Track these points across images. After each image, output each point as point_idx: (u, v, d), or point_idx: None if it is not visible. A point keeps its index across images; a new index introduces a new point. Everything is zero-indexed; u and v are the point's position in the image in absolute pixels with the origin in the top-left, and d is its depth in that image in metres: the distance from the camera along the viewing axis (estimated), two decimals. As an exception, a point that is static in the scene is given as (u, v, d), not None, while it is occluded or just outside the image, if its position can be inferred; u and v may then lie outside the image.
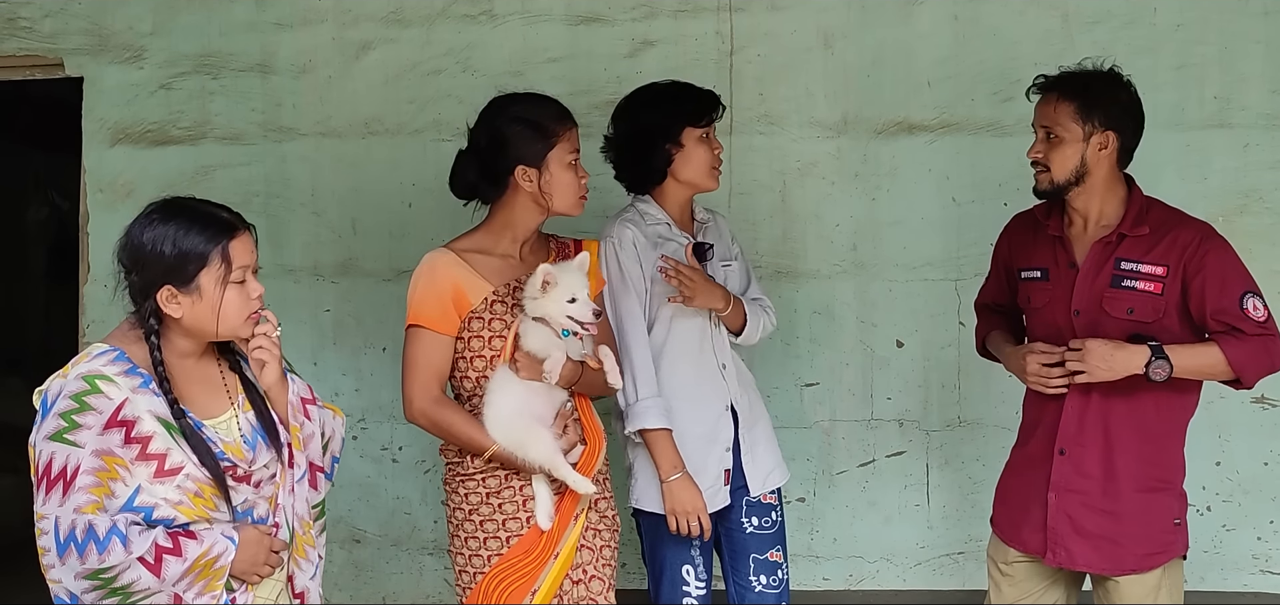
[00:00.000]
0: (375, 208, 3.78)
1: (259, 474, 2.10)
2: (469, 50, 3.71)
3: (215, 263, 2.01)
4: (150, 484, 1.98)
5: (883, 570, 3.68)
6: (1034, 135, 2.65)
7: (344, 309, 3.81)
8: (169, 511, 1.99)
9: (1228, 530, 3.56)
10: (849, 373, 3.65)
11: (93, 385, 1.96)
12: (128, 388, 1.98)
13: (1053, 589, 2.72)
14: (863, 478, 3.68)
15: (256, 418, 2.13)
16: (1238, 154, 3.51)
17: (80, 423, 1.94)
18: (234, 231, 2.05)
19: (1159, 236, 2.56)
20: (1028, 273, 2.71)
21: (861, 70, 3.60)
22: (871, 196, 3.62)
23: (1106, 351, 2.48)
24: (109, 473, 1.95)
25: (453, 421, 2.47)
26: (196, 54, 3.79)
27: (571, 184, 2.51)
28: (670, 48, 3.62)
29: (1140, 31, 3.49)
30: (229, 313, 2.03)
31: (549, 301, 2.41)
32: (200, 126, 3.81)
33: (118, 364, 2.00)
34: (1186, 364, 2.48)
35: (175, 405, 2.01)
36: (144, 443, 1.97)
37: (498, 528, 2.48)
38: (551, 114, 2.52)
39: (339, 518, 3.83)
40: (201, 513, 2.02)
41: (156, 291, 2.00)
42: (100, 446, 1.94)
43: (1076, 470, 2.58)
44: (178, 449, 2.00)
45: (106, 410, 1.95)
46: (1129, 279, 2.54)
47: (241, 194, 3.80)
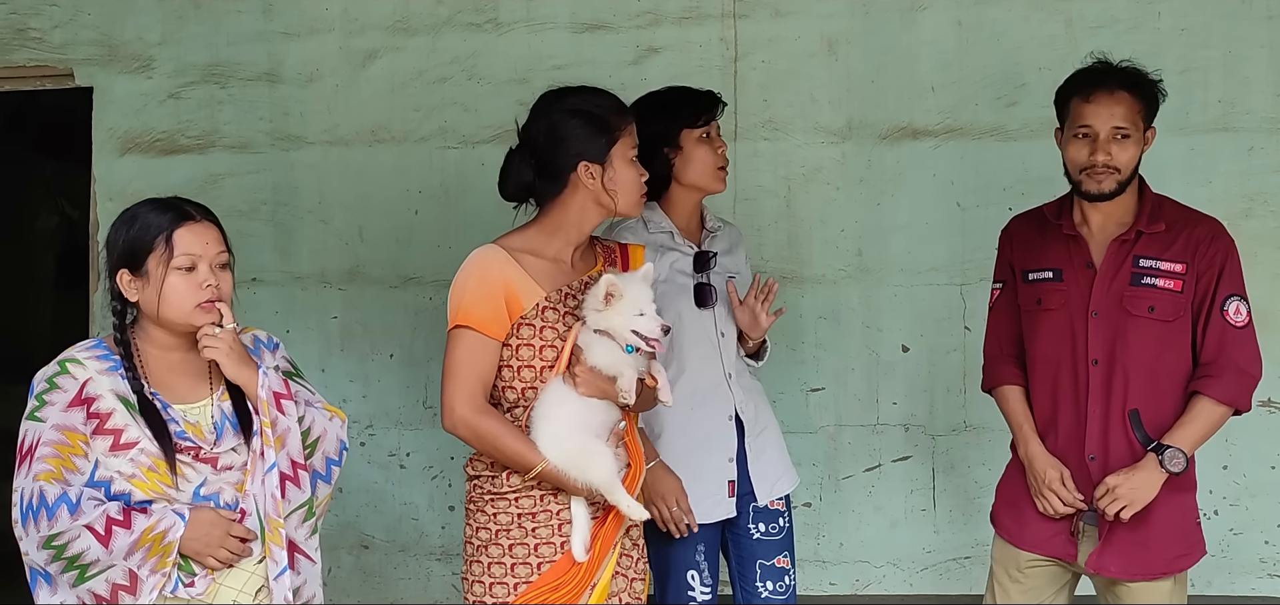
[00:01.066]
0: (382, 215, 3.80)
1: (226, 458, 2.13)
2: (474, 58, 3.73)
3: (160, 248, 2.10)
4: (106, 457, 2.06)
5: (889, 575, 3.69)
6: (1080, 136, 2.53)
7: (351, 316, 3.83)
8: (124, 485, 2.06)
9: (1235, 534, 3.56)
10: (854, 378, 3.66)
11: (63, 368, 2.10)
12: (94, 369, 2.09)
13: (1063, 592, 2.70)
14: (869, 482, 3.68)
15: (233, 408, 2.17)
16: (1242, 158, 3.51)
17: (48, 401, 2.07)
18: (183, 220, 2.13)
19: (1175, 233, 2.54)
20: (1037, 273, 2.64)
21: (865, 76, 3.62)
22: (876, 201, 3.63)
23: (1137, 480, 2.47)
24: (71, 448, 2.05)
25: (499, 434, 2.27)
26: (205, 64, 3.82)
27: (635, 182, 2.36)
28: (675, 55, 3.64)
29: (1144, 36, 3.50)
30: (171, 297, 2.10)
31: (614, 314, 2.26)
32: (209, 135, 3.84)
33: (93, 351, 2.13)
34: (1195, 436, 2.50)
35: (137, 383, 2.10)
36: (103, 418, 2.07)
37: (529, 552, 2.30)
38: (611, 106, 2.37)
39: (347, 523, 3.85)
40: (156, 488, 2.08)
41: (116, 275, 2.14)
42: (62, 422, 2.05)
43: (1107, 473, 2.52)
44: (135, 425, 2.08)
45: (71, 389, 2.07)
46: (1149, 277, 2.51)
47: (250, 202, 3.83)
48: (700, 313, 2.72)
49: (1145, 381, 2.51)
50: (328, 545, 3.85)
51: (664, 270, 2.72)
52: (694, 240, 2.80)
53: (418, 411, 3.80)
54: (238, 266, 3.75)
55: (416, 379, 3.77)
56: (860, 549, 3.68)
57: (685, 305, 2.71)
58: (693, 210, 2.81)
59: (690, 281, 2.73)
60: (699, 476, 2.70)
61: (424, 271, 3.77)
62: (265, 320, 3.81)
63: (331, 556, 3.88)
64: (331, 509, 3.84)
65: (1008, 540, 2.71)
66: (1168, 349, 2.53)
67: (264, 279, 3.85)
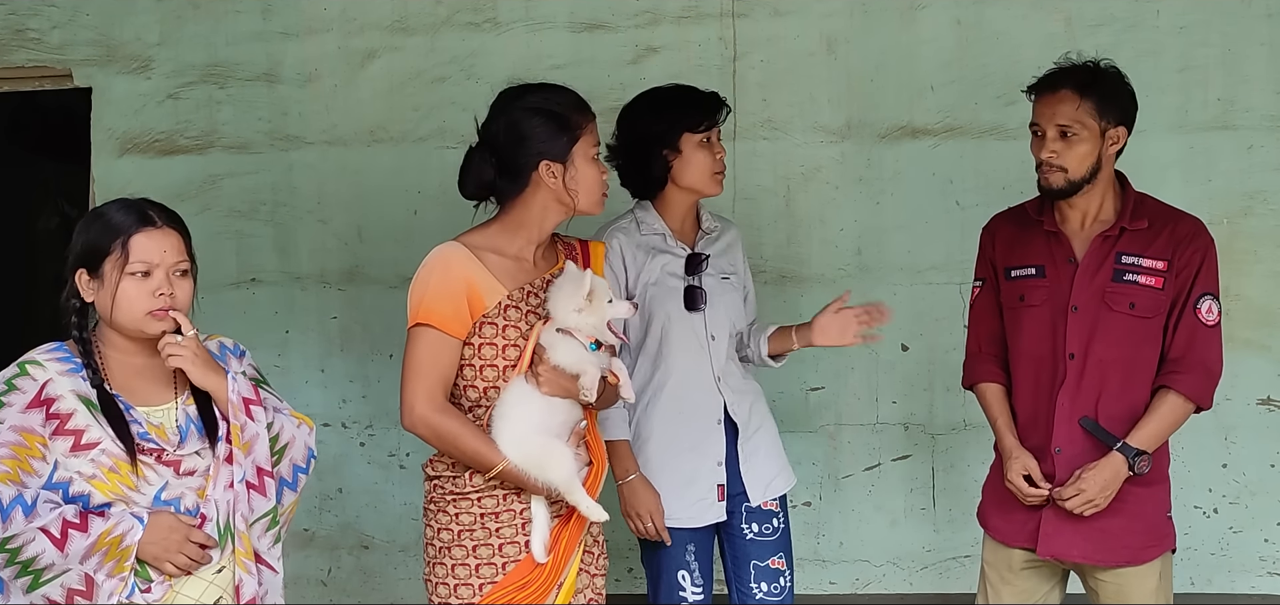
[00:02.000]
0: (381, 215, 3.80)
1: (189, 462, 2.10)
2: (473, 58, 3.73)
3: (116, 251, 2.08)
4: (66, 458, 2.03)
5: (889, 574, 3.69)
6: (1033, 133, 2.60)
7: (351, 316, 3.83)
8: (83, 486, 2.03)
9: (1234, 532, 3.56)
10: (854, 377, 3.66)
11: (22, 369, 2.06)
12: (55, 370, 2.06)
13: (1054, 592, 2.71)
14: (868, 482, 3.69)
15: (198, 412, 2.15)
16: (1241, 156, 3.51)
17: (6, 402, 2.03)
18: (143, 226, 2.09)
19: (1157, 230, 2.56)
20: (1020, 270, 2.67)
21: (865, 75, 3.62)
22: (875, 201, 3.63)
23: (1101, 478, 2.50)
24: (28, 450, 2.01)
25: (459, 433, 2.26)
26: (203, 64, 3.82)
27: (596, 180, 2.34)
28: (673, 54, 3.64)
29: (1143, 34, 3.50)
30: (123, 302, 2.08)
31: (593, 313, 2.28)
32: (207, 136, 3.83)
33: (54, 353, 2.10)
34: (1156, 431, 2.52)
35: (98, 383, 2.07)
36: (63, 419, 2.04)
37: (493, 552, 2.29)
38: (572, 103, 2.35)
39: (347, 524, 3.85)
40: (117, 490, 2.04)
41: (75, 274, 2.11)
42: (20, 423, 2.02)
43: (1073, 466, 2.56)
44: (96, 425, 2.04)
45: (30, 390, 2.04)
46: (1130, 273, 2.54)
47: (248, 203, 3.83)
48: (690, 315, 2.70)
49: (1120, 376, 2.54)
50: (328, 546, 3.88)
51: (655, 273, 2.71)
52: (688, 242, 2.78)
53: (417, 411, 3.80)
54: (236, 267, 3.85)
55: (416, 379, 3.77)
56: (860, 548, 3.68)
57: (675, 308, 2.69)
58: (687, 211, 2.79)
59: (681, 284, 2.71)
60: (689, 481, 2.69)
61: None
62: (264, 320, 3.84)
63: (332, 557, 3.88)
64: (331, 510, 3.87)
65: (996, 539, 2.73)
66: (1144, 345, 2.55)
67: (263, 279, 3.85)
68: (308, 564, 3.86)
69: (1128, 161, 3.47)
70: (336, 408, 3.85)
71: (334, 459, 3.84)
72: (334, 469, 3.85)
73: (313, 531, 3.86)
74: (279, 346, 3.84)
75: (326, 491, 3.85)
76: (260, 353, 3.73)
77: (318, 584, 3.87)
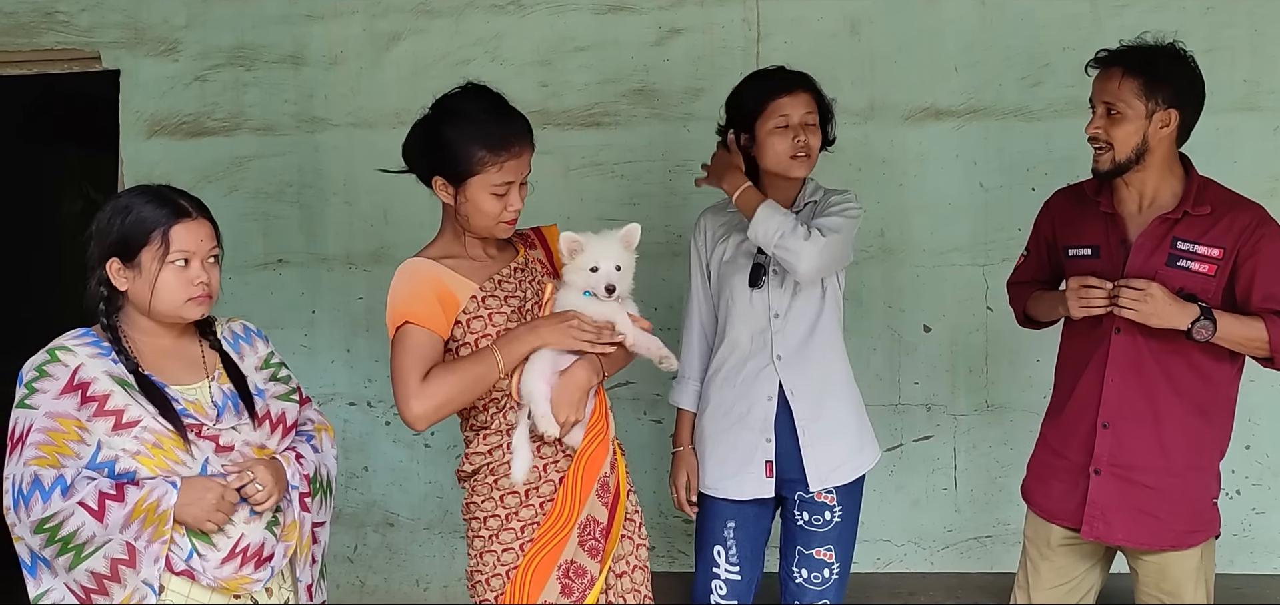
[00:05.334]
0: (406, 197, 3.74)
1: (227, 436, 2.16)
2: (497, 40, 3.74)
3: (155, 242, 2.12)
4: (109, 437, 2.07)
5: (910, 553, 3.70)
6: (1092, 111, 2.58)
7: (376, 297, 3.83)
8: (129, 463, 2.07)
9: (1257, 513, 3.56)
10: (877, 358, 3.67)
11: (52, 356, 2.11)
12: (85, 355, 2.11)
13: (1093, 571, 2.72)
14: (890, 462, 3.70)
15: (233, 387, 2.22)
16: (1268, 137, 3.49)
17: (38, 388, 2.08)
18: (180, 217, 2.15)
19: (1217, 217, 2.53)
20: (1077, 250, 2.66)
21: (888, 56, 3.61)
22: (899, 182, 3.63)
23: (1166, 298, 2.45)
24: (65, 434, 2.05)
25: (453, 381, 2.30)
26: (230, 46, 3.85)
27: (489, 212, 2.34)
28: (698, 36, 3.64)
29: (1168, 15, 3.47)
30: (163, 291, 2.13)
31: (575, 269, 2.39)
32: (234, 118, 3.87)
33: (82, 338, 2.15)
34: (1229, 331, 2.46)
35: (131, 364, 2.12)
36: (101, 401, 2.08)
37: (535, 512, 2.38)
38: (488, 139, 2.31)
39: (373, 502, 3.90)
40: (162, 465, 2.09)
41: (106, 263, 2.15)
42: (54, 409, 2.06)
43: (1120, 444, 2.56)
44: (135, 404, 2.09)
45: (62, 376, 2.08)
46: (1184, 259, 2.51)
47: (275, 184, 3.87)
48: (753, 292, 2.72)
49: (1164, 354, 2.52)
50: (354, 524, 3.93)
51: (731, 250, 2.77)
52: None
53: (442, 391, 3.83)
54: (263, 248, 3.89)
55: (441, 359, 3.80)
56: (881, 528, 3.70)
57: (738, 284, 2.74)
58: (781, 188, 2.74)
59: (750, 262, 2.74)
60: (733, 450, 2.73)
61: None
62: (291, 301, 3.88)
63: (358, 534, 3.92)
64: (357, 488, 3.91)
65: (1037, 514, 2.74)
66: None
67: (290, 260, 3.89)
68: (335, 540, 3.88)
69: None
70: (362, 387, 3.89)
71: (360, 438, 3.89)
72: (360, 448, 3.89)
73: (339, 509, 3.90)
74: (305, 327, 3.88)
75: (353, 470, 3.89)
76: (287, 333, 3.86)
77: (344, 560, 3.92)
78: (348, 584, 3.92)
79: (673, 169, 3.70)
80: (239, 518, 2.15)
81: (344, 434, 3.89)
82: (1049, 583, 2.73)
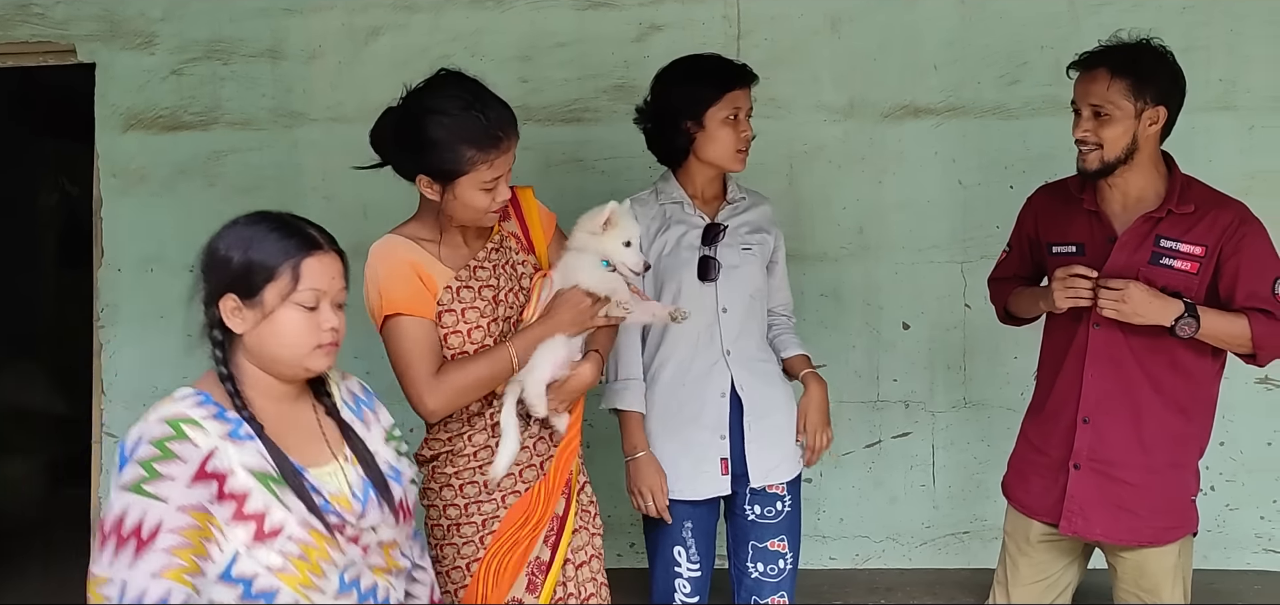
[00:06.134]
0: (386, 192, 3.76)
1: (367, 536, 1.83)
2: (477, 35, 3.73)
3: (282, 278, 1.79)
4: (249, 549, 1.71)
5: (889, 549, 3.72)
6: (1074, 113, 2.57)
7: (356, 292, 3.75)
8: (270, 581, 1.71)
9: (1231, 510, 3.59)
10: (856, 355, 3.68)
11: (177, 430, 1.71)
12: (216, 434, 1.73)
13: (1071, 567, 2.74)
14: (869, 459, 3.71)
15: (364, 471, 1.87)
16: (1243, 136, 3.52)
17: (163, 472, 1.67)
18: (310, 249, 1.83)
19: (1200, 216, 2.54)
20: (1061, 247, 2.66)
21: (868, 54, 3.62)
22: (878, 179, 3.64)
23: (1146, 297, 2.47)
24: (202, 532, 1.68)
25: (467, 374, 2.25)
26: (207, 40, 3.82)
27: (479, 207, 2.27)
28: (678, 32, 3.64)
29: (1146, 14, 3.50)
30: (288, 335, 1.80)
31: (608, 239, 2.34)
32: (211, 112, 3.84)
33: (205, 407, 1.76)
34: (1212, 326, 2.48)
35: (270, 445, 1.76)
36: (239, 501, 1.71)
37: (496, 506, 2.34)
38: (477, 136, 2.21)
39: (351, 499, 3.88)
40: (306, 580, 1.73)
41: (220, 300, 1.81)
42: (187, 502, 1.67)
43: (1100, 439, 2.58)
44: (278, 505, 1.73)
45: (193, 459, 1.69)
46: (1167, 257, 2.52)
47: (253, 179, 3.84)
48: (702, 286, 2.68)
49: (1144, 350, 2.54)
50: (332, 520, 3.90)
51: (671, 242, 2.70)
52: (710, 213, 2.75)
53: (421, 388, 3.82)
54: (241, 243, 3.85)
55: (420, 355, 3.78)
56: (860, 524, 3.71)
57: (687, 277, 2.68)
58: (710, 182, 2.76)
59: (696, 255, 2.69)
60: (686, 450, 2.69)
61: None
62: (269, 297, 3.85)
63: (336, 531, 3.90)
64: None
65: (1017, 509, 2.75)
66: None
67: (267, 256, 3.86)
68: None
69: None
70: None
71: (338, 434, 3.87)
72: (338, 444, 3.87)
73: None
74: (283, 322, 3.86)
75: (331, 467, 3.87)
76: (265, 329, 3.82)
77: (322, 558, 3.89)
78: (326, 581, 3.89)
79: (653, 165, 3.66)
80: None
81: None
82: (1028, 578, 2.74)
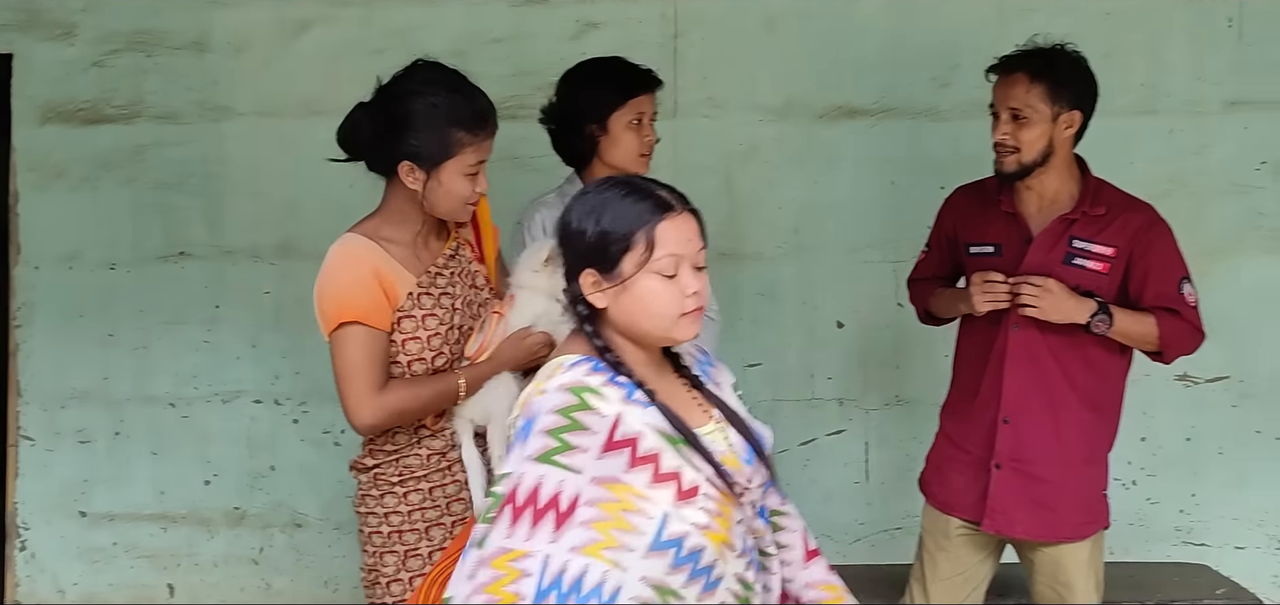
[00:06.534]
0: (316, 188, 3.71)
1: (750, 495, 1.77)
2: (411, 30, 3.67)
3: (638, 246, 1.70)
4: (676, 508, 1.64)
5: (823, 546, 3.70)
6: (992, 116, 2.62)
7: (284, 291, 3.76)
8: (698, 540, 1.65)
9: (1151, 503, 3.69)
10: (790, 353, 3.71)
11: (581, 399, 1.66)
12: (616, 400, 1.68)
13: (986, 562, 2.79)
14: (804, 456, 3.74)
15: (739, 431, 1.80)
16: (1162, 140, 3.62)
17: (574, 443, 1.63)
18: (664, 211, 1.72)
19: (1111, 218, 2.61)
20: (979, 247, 2.72)
21: (804, 55, 3.65)
22: (814, 180, 3.67)
23: (1063, 293, 2.53)
24: (621, 504, 1.62)
25: (412, 396, 2.21)
26: (130, 31, 3.70)
27: (462, 195, 2.23)
28: (614, 30, 3.62)
29: (1071, 19, 3.56)
30: (652, 305, 1.71)
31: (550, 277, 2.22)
32: (134, 105, 3.72)
33: (598, 373, 1.70)
34: (1124, 325, 2.56)
35: (664, 407, 1.70)
36: (654, 462, 1.66)
37: (445, 533, 2.28)
38: (466, 117, 2.21)
39: (279, 502, 3.80)
40: (724, 539, 1.69)
41: (579, 275, 1.75)
42: (602, 474, 1.63)
43: (1020, 439, 2.63)
44: (689, 466, 1.67)
45: (601, 429, 1.65)
46: (1080, 257, 2.59)
47: (177, 174, 3.74)
48: None
49: (1060, 349, 2.60)
50: (259, 525, 3.83)
51: None
52: None
53: (353, 388, 3.75)
54: (164, 240, 3.77)
55: (352, 355, 3.71)
56: (795, 522, 3.73)
57: None
58: None
59: None
60: None
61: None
62: (193, 295, 3.76)
63: (264, 535, 3.82)
64: (263, 488, 3.82)
65: (935, 506, 2.79)
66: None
67: (192, 253, 3.76)
68: (238, 543, 3.80)
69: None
70: (269, 384, 3.78)
71: (266, 436, 3.78)
72: (267, 446, 3.79)
73: (243, 510, 3.80)
74: (209, 322, 3.77)
75: (259, 469, 3.79)
76: (189, 328, 3.75)
77: (249, 563, 3.81)
78: (253, 587, 3.81)
79: (589, 164, 3.68)
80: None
81: (250, 432, 3.78)
82: (946, 574, 2.79)
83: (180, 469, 3.79)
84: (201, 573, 3.82)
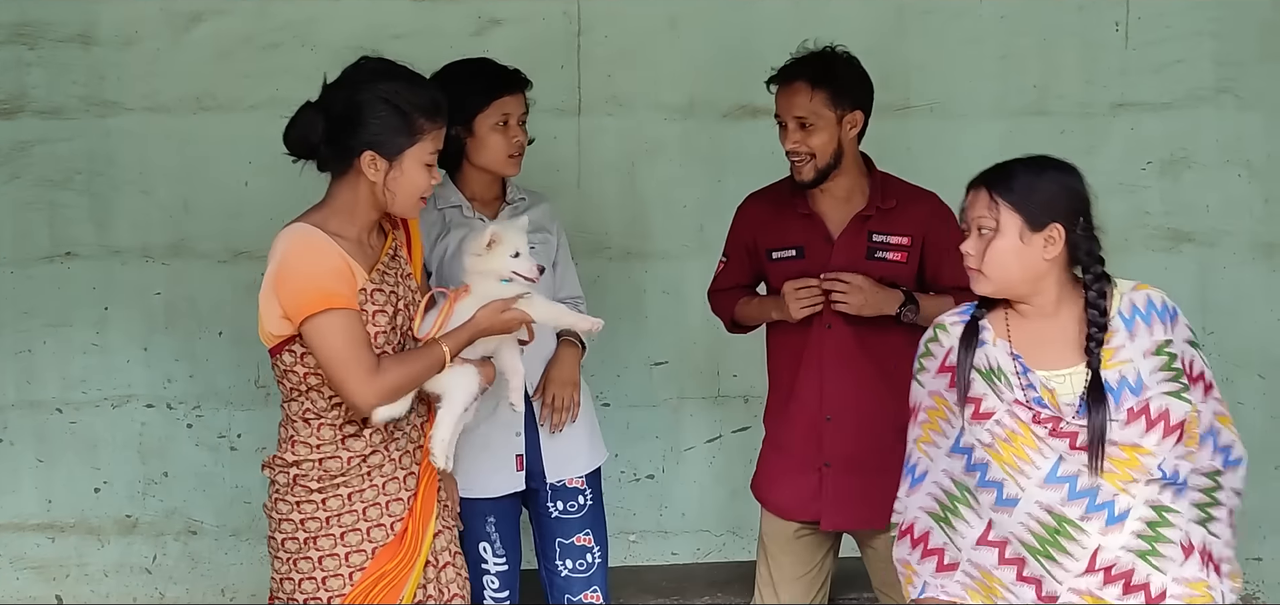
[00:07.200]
0: (209, 186, 3.63)
1: (1084, 434, 1.98)
2: (309, 24, 3.59)
3: None
4: (970, 425, 2.06)
5: (729, 543, 3.78)
6: (778, 125, 2.73)
7: (176, 292, 3.65)
8: (981, 455, 2.05)
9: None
10: (696, 351, 3.73)
11: (935, 333, 2.17)
12: (956, 336, 2.12)
13: (828, 556, 2.88)
14: (710, 453, 3.76)
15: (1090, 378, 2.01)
16: (1054, 140, 3.70)
17: (925, 365, 2.17)
18: None
19: (901, 209, 2.74)
20: (781, 252, 2.80)
21: (707, 54, 3.67)
22: (718, 178, 3.69)
23: (872, 287, 2.66)
24: (938, 412, 2.14)
25: (406, 370, 2.21)
26: (11, 23, 3.55)
27: (418, 186, 2.24)
28: (517, 27, 3.59)
29: (967, 23, 3.67)
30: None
31: (494, 259, 2.32)
32: (16, 100, 3.57)
33: (960, 316, 2.16)
34: (928, 309, 2.67)
35: (1004, 348, 2.07)
36: (964, 388, 2.08)
37: (362, 538, 2.25)
38: (424, 105, 2.21)
39: (173, 509, 3.69)
40: (1011, 462, 2.02)
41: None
42: (934, 388, 2.14)
43: (845, 435, 2.73)
44: (991, 395, 2.05)
45: (939, 355, 2.14)
46: (880, 250, 2.72)
47: (62, 171, 3.61)
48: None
49: (872, 342, 2.70)
50: (153, 533, 3.71)
51: (453, 245, 2.67)
52: (490, 215, 2.74)
53: (249, 391, 3.66)
54: (49, 240, 3.63)
55: (247, 357, 3.62)
56: (701, 518, 3.76)
57: None
58: (489, 185, 2.76)
59: None
60: (485, 448, 2.68)
61: (255, 245, 3.56)
62: (80, 296, 3.63)
63: (157, 543, 3.71)
64: (156, 494, 3.70)
65: (774, 512, 2.86)
66: None
67: (79, 253, 3.63)
68: (130, 552, 3.68)
69: (949, 144, 3.66)
70: (161, 388, 3.67)
71: (159, 442, 3.67)
72: (159, 452, 3.68)
73: (135, 518, 3.68)
74: (97, 324, 3.64)
75: (152, 475, 3.67)
76: (76, 330, 3.61)
77: (141, 572, 3.69)
78: (146, 597, 3.70)
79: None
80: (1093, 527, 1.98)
81: (141, 437, 3.67)
82: (792, 574, 2.85)
83: (68, 476, 3.66)
84: (92, 583, 3.69)
